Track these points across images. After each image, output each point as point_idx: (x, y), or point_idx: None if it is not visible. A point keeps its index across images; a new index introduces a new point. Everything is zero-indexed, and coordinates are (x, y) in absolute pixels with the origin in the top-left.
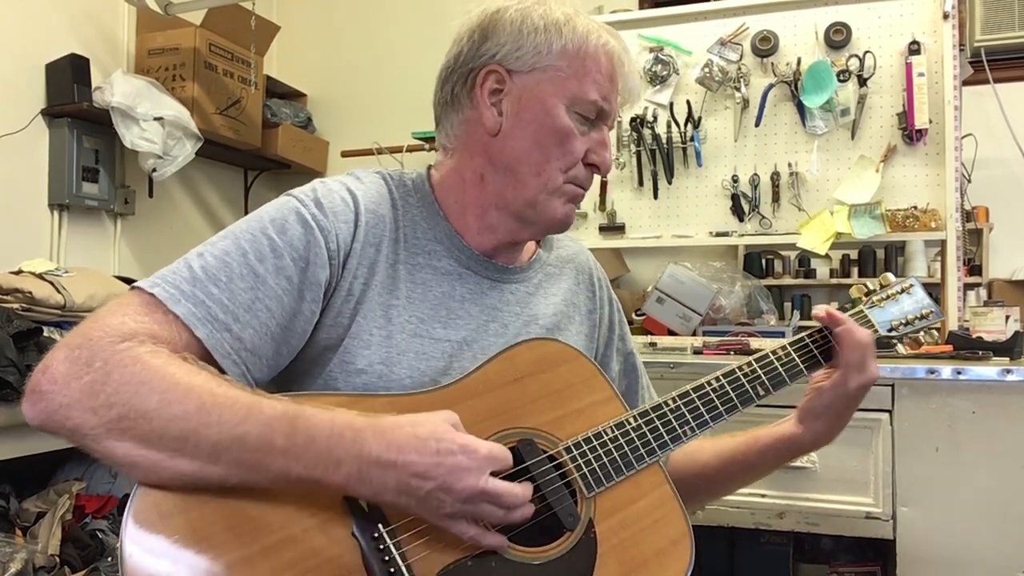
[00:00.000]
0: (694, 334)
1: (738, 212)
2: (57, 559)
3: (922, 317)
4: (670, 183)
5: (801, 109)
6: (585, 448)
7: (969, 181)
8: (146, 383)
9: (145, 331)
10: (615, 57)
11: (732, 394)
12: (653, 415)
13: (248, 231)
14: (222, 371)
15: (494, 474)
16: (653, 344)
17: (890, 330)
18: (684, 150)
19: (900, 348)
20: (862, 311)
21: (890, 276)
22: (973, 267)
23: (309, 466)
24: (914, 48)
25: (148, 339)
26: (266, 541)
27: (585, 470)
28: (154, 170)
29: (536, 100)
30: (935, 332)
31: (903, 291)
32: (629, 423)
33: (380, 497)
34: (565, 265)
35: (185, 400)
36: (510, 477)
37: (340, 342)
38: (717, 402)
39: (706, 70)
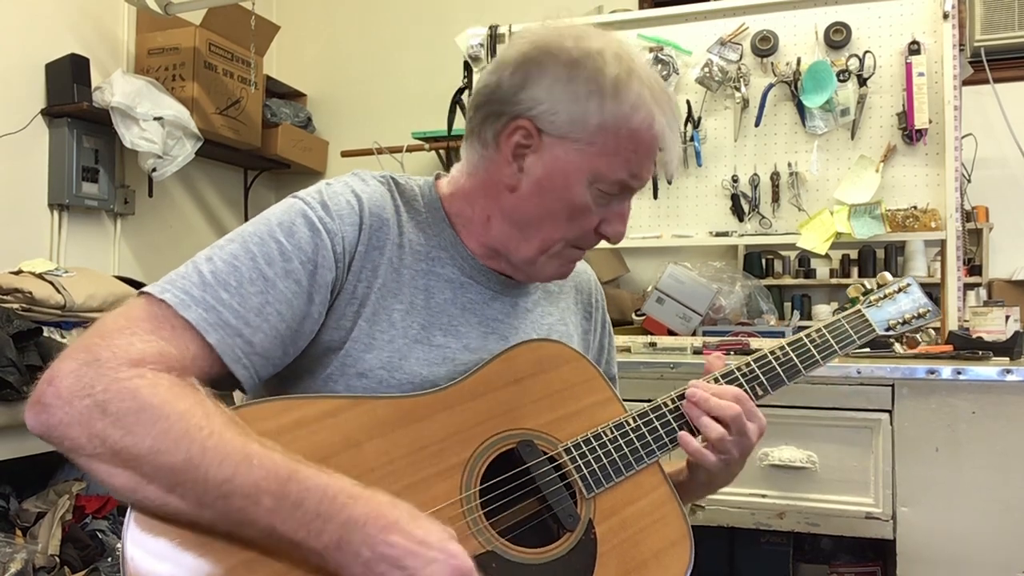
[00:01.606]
0: (694, 334)
1: (738, 212)
2: (57, 559)
3: (919, 316)
4: (670, 183)
5: (801, 109)
6: (585, 449)
7: (969, 181)
8: (140, 424)
9: (153, 352)
10: (658, 136)
11: None
12: (652, 416)
13: (256, 234)
14: (231, 374)
15: None
16: (653, 344)
17: (887, 329)
18: (684, 150)
19: (897, 347)
20: (860, 311)
21: (887, 275)
22: (973, 267)
23: (293, 528)
24: (914, 48)
25: (153, 363)
26: (265, 546)
27: (585, 471)
28: (154, 170)
29: (559, 170)
30: (933, 332)
31: (900, 290)
32: (628, 424)
33: (348, 570)
34: (566, 284)
35: (174, 451)
36: (510, 480)
37: (342, 345)
38: None
39: (706, 70)
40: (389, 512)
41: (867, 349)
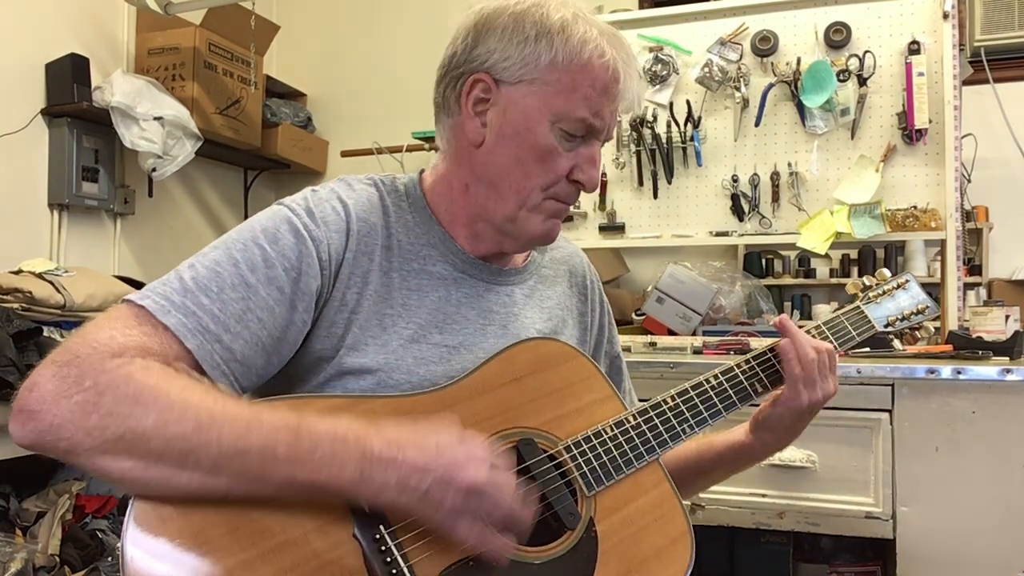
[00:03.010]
0: (694, 334)
1: (738, 212)
2: (57, 559)
3: (918, 312)
4: (670, 183)
5: (801, 109)
6: (585, 447)
7: (969, 181)
8: (141, 403)
9: (135, 345)
10: (611, 70)
11: (731, 392)
12: (652, 413)
13: (239, 241)
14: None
15: None
16: (653, 344)
17: (886, 325)
18: (684, 150)
19: (896, 344)
20: (859, 307)
21: (886, 272)
22: (973, 267)
23: (313, 471)
24: (914, 48)
25: (138, 354)
26: (267, 544)
27: (585, 469)
28: (154, 170)
29: (520, 115)
30: (931, 328)
31: (899, 287)
32: (628, 422)
33: (383, 496)
34: (559, 268)
35: (183, 419)
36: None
37: (336, 352)
38: (716, 400)
39: (706, 70)
40: (400, 435)
41: (867, 348)
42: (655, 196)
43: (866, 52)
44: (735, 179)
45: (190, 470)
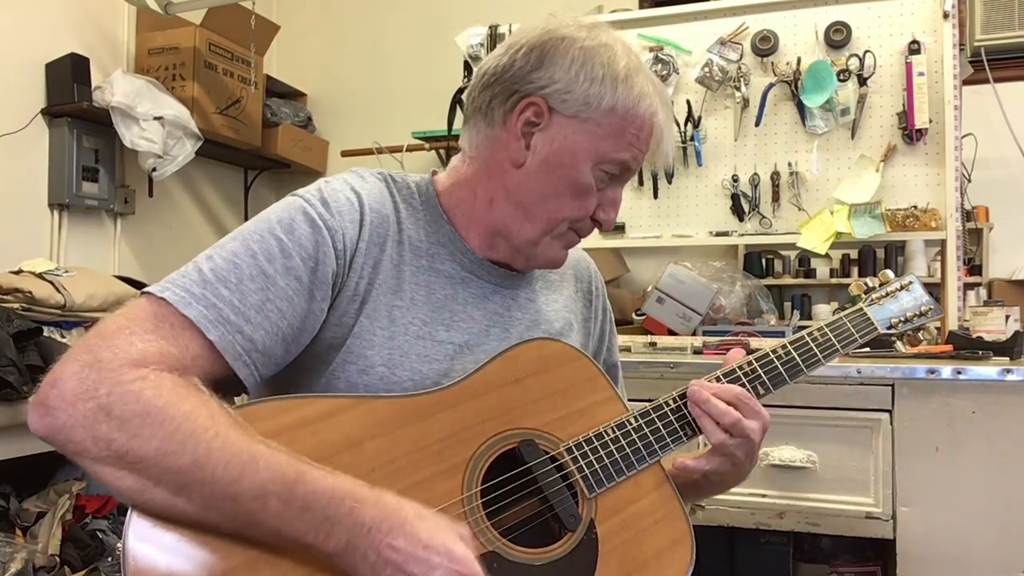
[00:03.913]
0: (694, 334)
1: (738, 212)
2: (57, 559)
3: (921, 314)
4: (670, 183)
5: (801, 109)
6: (586, 448)
7: (969, 181)
8: (145, 426)
9: (154, 351)
10: (657, 128)
11: None
12: (654, 415)
13: (256, 232)
14: (233, 375)
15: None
16: (653, 344)
17: (889, 327)
18: (684, 150)
19: (899, 345)
20: (861, 309)
21: (889, 273)
22: (973, 267)
23: (300, 531)
24: (914, 48)
25: (155, 364)
26: (268, 546)
27: (587, 471)
28: (154, 170)
29: (567, 149)
30: (933, 329)
31: (902, 288)
32: (630, 423)
33: (357, 573)
34: (566, 272)
35: (181, 452)
36: (511, 479)
37: (344, 341)
38: None
39: (706, 70)
40: (395, 515)
41: (867, 349)
42: (655, 196)
43: (866, 52)
44: (735, 179)
45: (185, 500)
